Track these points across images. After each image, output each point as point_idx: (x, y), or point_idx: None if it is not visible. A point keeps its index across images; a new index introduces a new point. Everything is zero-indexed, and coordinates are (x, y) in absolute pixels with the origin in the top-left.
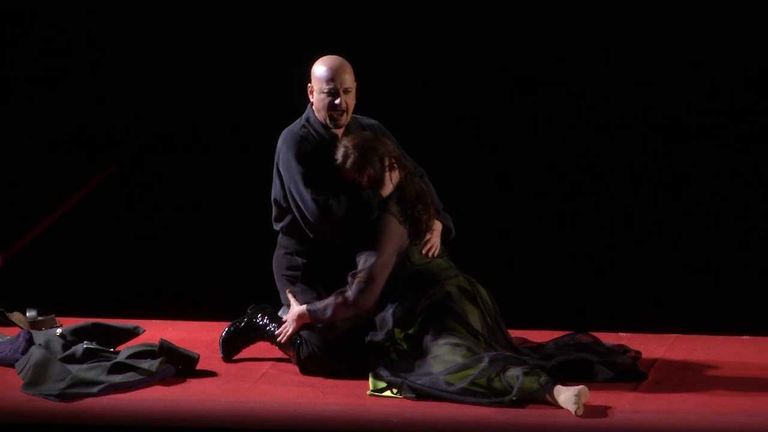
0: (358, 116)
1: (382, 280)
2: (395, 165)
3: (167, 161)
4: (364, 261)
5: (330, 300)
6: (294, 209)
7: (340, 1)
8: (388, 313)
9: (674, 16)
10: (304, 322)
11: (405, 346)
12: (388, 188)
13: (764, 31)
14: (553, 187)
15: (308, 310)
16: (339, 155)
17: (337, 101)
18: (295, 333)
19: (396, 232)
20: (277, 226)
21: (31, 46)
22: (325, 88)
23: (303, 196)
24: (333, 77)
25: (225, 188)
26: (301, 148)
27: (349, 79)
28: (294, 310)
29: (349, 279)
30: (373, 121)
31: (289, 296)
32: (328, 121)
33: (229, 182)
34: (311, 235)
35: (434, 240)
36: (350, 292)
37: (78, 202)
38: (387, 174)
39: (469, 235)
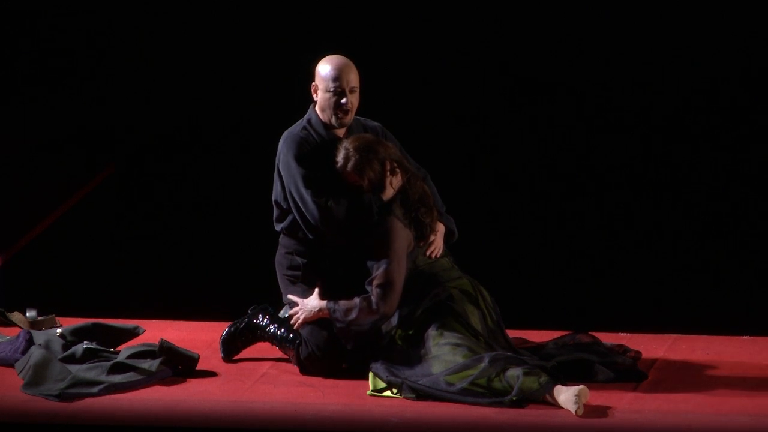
0: (361, 118)
1: (399, 283)
2: (396, 169)
3: (167, 161)
4: (377, 268)
5: (355, 303)
6: (294, 211)
7: (340, 1)
8: (393, 318)
9: (674, 16)
10: (321, 317)
11: (405, 346)
12: (388, 192)
13: (764, 31)
14: (553, 187)
15: (328, 308)
16: (340, 157)
17: (343, 100)
18: (307, 323)
19: (402, 235)
20: (278, 227)
21: (32, 46)
22: (331, 87)
23: (303, 198)
24: (339, 76)
25: (225, 188)
26: (301, 149)
27: (354, 79)
28: (313, 302)
29: (368, 288)
30: (375, 124)
31: (316, 290)
32: (332, 121)
33: (229, 182)
34: (311, 237)
35: (437, 241)
36: (373, 299)
37: (78, 202)
38: (388, 177)
39: (469, 235)
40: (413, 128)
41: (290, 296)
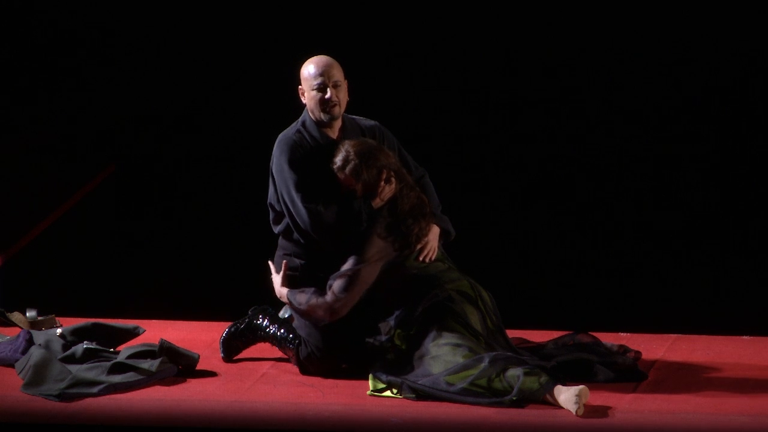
0: (357, 117)
1: (361, 285)
2: (392, 178)
3: (167, 161)
4: (345, 264)
5: (307, 295)
6: (286, 214)
7: (341, 3)
8: (391, 320)
9: (674, 16)
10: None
11: (405, 347)
12: (378, 201)
13: (764, 31)
14: (552, 188)
15: (288, 298)
16: (339, 159)
17: (328, 95)
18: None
19: (380, 248)
20: (275, 229)
21: (32, 46)
22: (314, 84)
23: (294, 202)
24: (321, 72)
25: (225, 188)
26: (294, 153)
27: (337, 74)
28: (278, 287)
29: (330, 281)
30: (372, 123)
31: (284, 266)
32: (322, 117)
33: (230, 182)
34: (302, 240)
35: (431, 244)
36: (328, 295)
37: (78, 202)
38: (381, 186)
39: (469, 235)
40: (412, 127)
41: (270, 263)
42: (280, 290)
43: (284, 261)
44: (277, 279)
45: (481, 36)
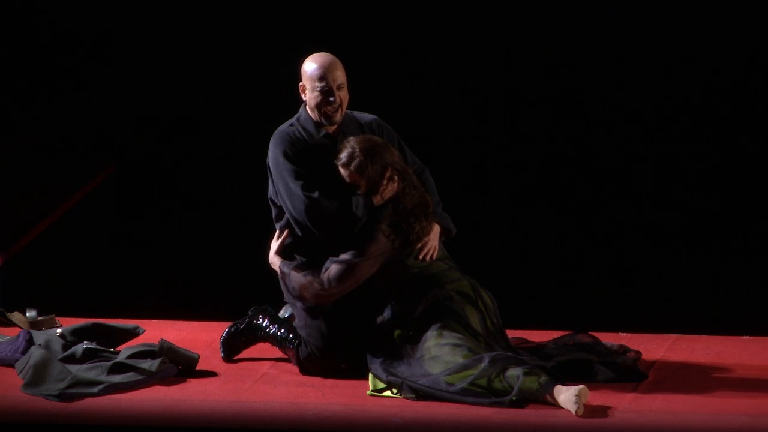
0: (356, 112)
1: (358, 276)
2: (395, 177)
3: (167, 161)
4: (346, 253)
5: (302, 272)
6: (282, 205)
7: (341, 3)
8: (386, 311)
9: (674, 16)
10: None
11: (404, 347)
12: (379, 198)
13: (764, 31)
14: (552, 188)
15: (281, 269)
16: (344, 155)
17: (331, 98)
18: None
19: (382, 245)
20: (277, 226)
21: (32, 46)
22: (318, 86)
23: (290, 191)
24: (325, 75)
25: (225, 188)
26: (289, 145)
27: (341, 76)
28: (272, 255)
29: (327, 263)
30: (371, 117)
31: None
32: (322, 119)
33: (230, 182)
34: (298, 232)
35: (431, 243)
36: (323, 278)
37: (78, 202)
38: (384, 184)
39: (469, 235)
40: (411, 127)
41: (278, 227)
42: (273, 258)
43: (286, 230)
44: (274, 245)
45: (481, 36)
